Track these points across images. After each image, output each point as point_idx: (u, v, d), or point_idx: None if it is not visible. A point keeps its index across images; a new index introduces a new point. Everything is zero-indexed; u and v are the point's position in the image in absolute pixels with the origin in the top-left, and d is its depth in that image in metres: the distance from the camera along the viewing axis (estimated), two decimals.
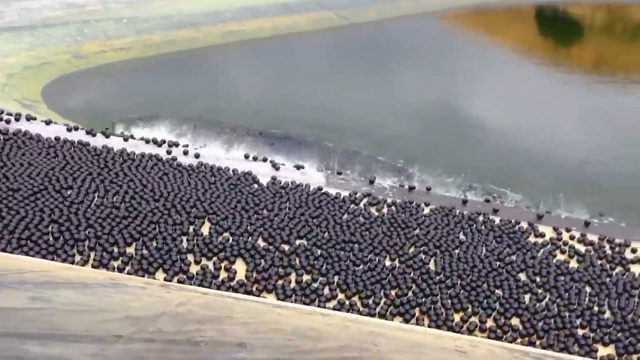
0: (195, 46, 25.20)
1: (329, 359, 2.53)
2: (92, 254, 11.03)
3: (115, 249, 11.19)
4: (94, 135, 15.05)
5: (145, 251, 11.17)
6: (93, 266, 10.65)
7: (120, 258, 11.05)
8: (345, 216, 12.64)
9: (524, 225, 12.94)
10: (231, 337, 2.53)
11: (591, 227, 13.43)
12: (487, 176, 16.63)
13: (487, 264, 11.77)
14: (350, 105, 21.33)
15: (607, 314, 11.05)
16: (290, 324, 3.10)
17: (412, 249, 11.94)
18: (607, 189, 16.54)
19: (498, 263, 11.87)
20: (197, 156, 14.52)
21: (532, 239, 12.64)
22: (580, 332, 10.82)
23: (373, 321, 4.66)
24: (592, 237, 12.81)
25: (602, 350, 10.50)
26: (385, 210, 12.93)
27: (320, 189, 13.24)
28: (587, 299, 11.32)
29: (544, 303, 11.12)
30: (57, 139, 14.23)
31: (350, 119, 20.25)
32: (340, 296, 10.80)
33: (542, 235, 12.77)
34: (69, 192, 12.35)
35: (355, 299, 10.78)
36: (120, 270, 10.74)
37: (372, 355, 2.84)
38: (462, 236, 12.46)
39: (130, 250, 11.25)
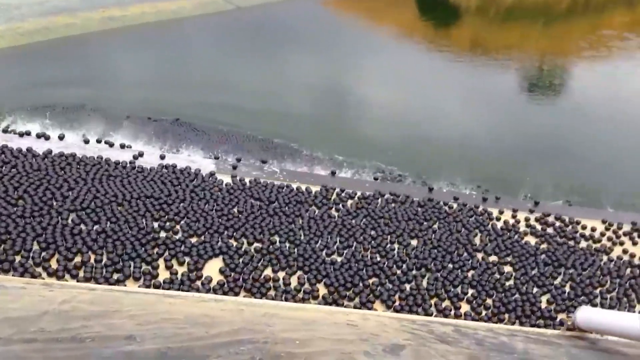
0: (72, 33, 23.91)
1: (222, 344, 2.56)
2: (56, 265, 10.30)
3: (79, 259, 10.55)
4: (47, 139, 14.08)
5: (109, 259, 10.61)
6: (58, 277, 9.97)
7: (83, 267, 10.42)
8: (317, 210, 12.61)
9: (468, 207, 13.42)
10: (120, 330, 2.49)
11: (522, 205, 14.00)
12: (377, 155, 17.15)
13: (461, 248, 12.15)
14: (241, 90, 21.19)
15: (580, 290, 11.65)
16: (182, 313, 3.09)
17: (387, 240, 12.08)
18: (488, 163, 17.55)
19: (469, 247, 12.25)
20: (162, 157, 14.01)
21: (490, 222, 13.10)
22: (549, 306, 11.33)
23: (267, 303, 4.72)
24: (537, 215, 13.43)
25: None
26: (352, 202, 13.04)
27: (288, 186, 13.13)
28: (557, 276, 11.92)
29: (522, 285, 11.61)
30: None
31: (241, 102, 20.11)
32: (323, 290, 10.75)
33: (498, 218, 13.29)
34: (19, 202, 11.48)
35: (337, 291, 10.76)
36: (87, 279, 10.06)
37: (266, 336, 2.89)
38: (433, 224, 12.75)
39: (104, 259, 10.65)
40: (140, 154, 13.86)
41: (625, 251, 12.74)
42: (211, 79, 22.07)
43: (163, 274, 10.48)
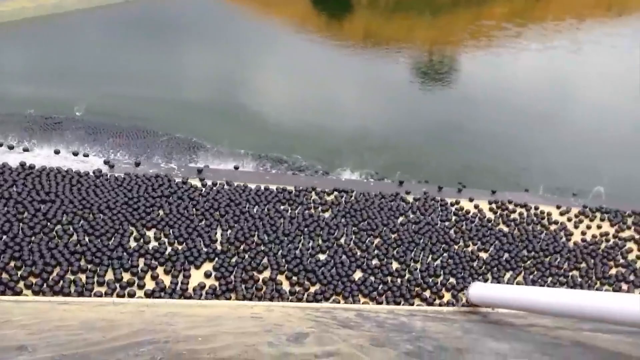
0: None
1: (120, 347, 2.49)
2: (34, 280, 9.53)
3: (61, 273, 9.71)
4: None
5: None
6: (44, 293, 9.20)
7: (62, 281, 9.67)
8: (291, 209, 12.34)
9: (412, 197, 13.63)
10: (10, 341, 2.37)
11: (465, 192, 14.21)
12: (276, 146, 17.21)
13: (441, 240, 12.24)
14: (133, 84, 20.55)
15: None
16: (77, 319, 2.98)
17: (366, 235, 11.99)
18: (384, 150, 18.04)
19: (447, 237, 12.33)
20: (137, 164, 13.10)
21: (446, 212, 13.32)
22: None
23: (169, 302, 4.64)
24: (480, 203, 13.76)
25: None
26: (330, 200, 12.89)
27: (266, 187, 12.75)
28: (527, 260, 12.23)
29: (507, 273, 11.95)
30: None
31: (134, 98, 19.51)
32: (312, 289, 10.57)
33: (461, 208, 13.52)
34: None
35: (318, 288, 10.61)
36: (80, 294, 9.40)
37: (167, 335, 2.85)
38: (401, 218, 12.72)
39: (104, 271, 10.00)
40: (111, 165, 13.22)
41: (583, 232, 13.50)
42: (104, 74, 21.24)
43: (149, 284, 10.19)
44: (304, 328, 3.35)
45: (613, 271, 12.62)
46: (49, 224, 10.82)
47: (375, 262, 11.65)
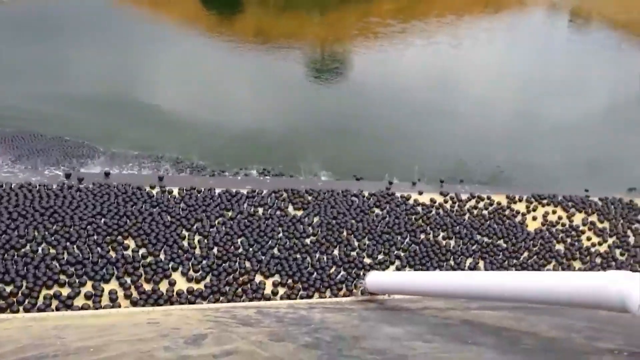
0: None
1: None
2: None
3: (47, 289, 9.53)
4: None
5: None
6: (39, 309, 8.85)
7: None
8: (263, 209, 12.42)
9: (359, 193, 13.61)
10: None
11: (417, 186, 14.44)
12: (173, 146, 16.90)
13: (411, 232, 12.60)
14: (15, 86, 19.45)
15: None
16: None
17: (344, 233, 12.16)
18: (276, 146, 18.15)
19: (419, 231, 12.67)
20: (107, 174, 12.55)
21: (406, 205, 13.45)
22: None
23: (58, 315, 4.44)
24: (434, 196, 13.85)
25: None
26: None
27: (237, 191, 12.62)
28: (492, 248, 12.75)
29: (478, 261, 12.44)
30: None
31: (17, 99, 18.46)
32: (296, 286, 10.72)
33: (417, 201, 13.54)
34: None
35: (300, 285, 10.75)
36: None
37: (56, 349, 2.73)
38: (370, 215, 12.86)
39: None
40: (68, 175, 12.38)
41: (535, 218, 14.03)
42: None
43: (133, 294, 9.84)
44: (202, 329, 3.32)
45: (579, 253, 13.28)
46: (20, 240, 10.40)
47: (349, 256, 11.88)
